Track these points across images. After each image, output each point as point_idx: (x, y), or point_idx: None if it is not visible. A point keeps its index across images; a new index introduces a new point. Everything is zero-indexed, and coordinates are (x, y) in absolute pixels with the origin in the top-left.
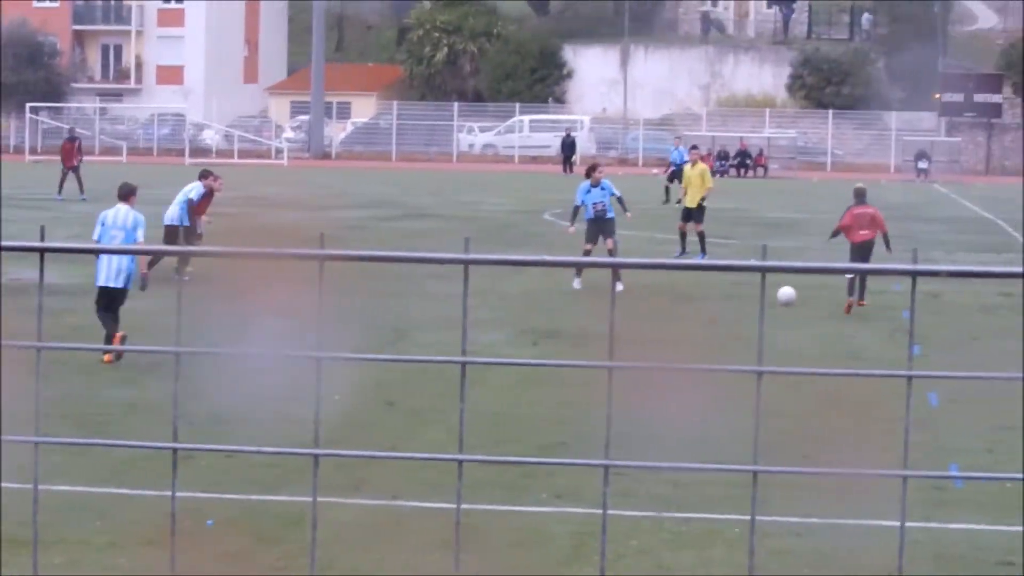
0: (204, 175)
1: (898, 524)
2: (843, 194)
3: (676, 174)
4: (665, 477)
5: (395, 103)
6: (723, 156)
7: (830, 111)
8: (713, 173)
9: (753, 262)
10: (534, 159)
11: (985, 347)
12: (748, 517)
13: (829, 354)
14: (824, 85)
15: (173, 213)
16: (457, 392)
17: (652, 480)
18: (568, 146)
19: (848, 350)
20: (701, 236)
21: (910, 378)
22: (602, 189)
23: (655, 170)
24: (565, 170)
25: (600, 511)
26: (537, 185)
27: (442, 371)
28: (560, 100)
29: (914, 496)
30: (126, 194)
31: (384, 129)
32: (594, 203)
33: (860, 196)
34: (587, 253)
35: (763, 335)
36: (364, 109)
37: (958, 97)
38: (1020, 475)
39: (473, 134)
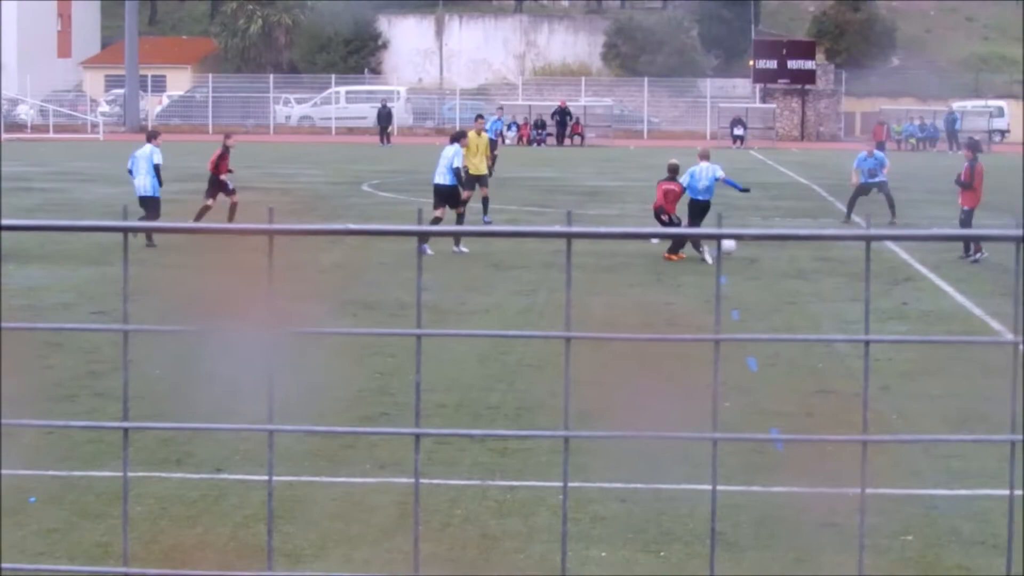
0: (152, 136)
1: (723, 487)
2: (660, 162)
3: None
4: (489, 445)
5: (210, 76)
6: (540, 125)
7: (645, 79)
8: (530, 142)
9: (558, 228)
10: (351, 130)
11: (802, 311)
12: (572, 484)
13: (647, 321)
14: (639, 53)
15: (147, 183)
16: (277, 364)
17: (476, 448)
18: (384, 117)
19: (666, 317)
20: (487, 200)
21: (717, 342)
22: None
23: None
24: (382, 141)
25: (424, 480)
26: (354, 156)
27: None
28: (376, 71)
29: (736, 460)
30: None
31: (200, 102)
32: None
33: (671, 172)
34: (438, 220)
35: (570, 301)
36: (179, 82)
37: (772, 64)
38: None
39: (289, 106)
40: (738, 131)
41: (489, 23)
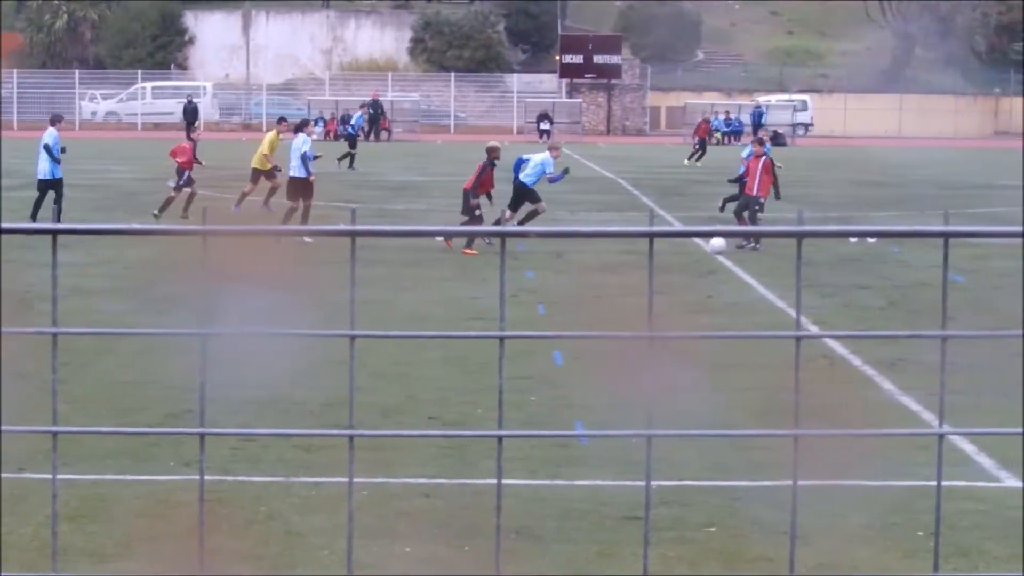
0: (55, 120)
1: (527, 482)
2: (467, 156)
3: (353, 141)
4: (294, 442)
5: (15, 71)
6: (346, 120)
7: (452, 74)
8: (336, 137)
9: (342, 227)
10: (157, 126)
11: (608, 304)
12: (377, 480)
13: (453, 315)
14: (446, 48)
15: (46, 168)
16: (80, 362)
17: (281, 445)
18: (191, 112)
19: (472, 311)
20: (274, 190)
21: (502, 339)
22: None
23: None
24: (188, 136)
25: (228, 477)
26: (161, 152)
27: (64, 341)
28: (182, 66)
29: (540, 453)
30: None
31: (5, 98)
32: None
33: (487, 152)
34: (293, 211)
35: (354, 298)
36: None
37: (578, 59)
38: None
39: (95, 102)
40: (544, 126)
41: (296, 18)
